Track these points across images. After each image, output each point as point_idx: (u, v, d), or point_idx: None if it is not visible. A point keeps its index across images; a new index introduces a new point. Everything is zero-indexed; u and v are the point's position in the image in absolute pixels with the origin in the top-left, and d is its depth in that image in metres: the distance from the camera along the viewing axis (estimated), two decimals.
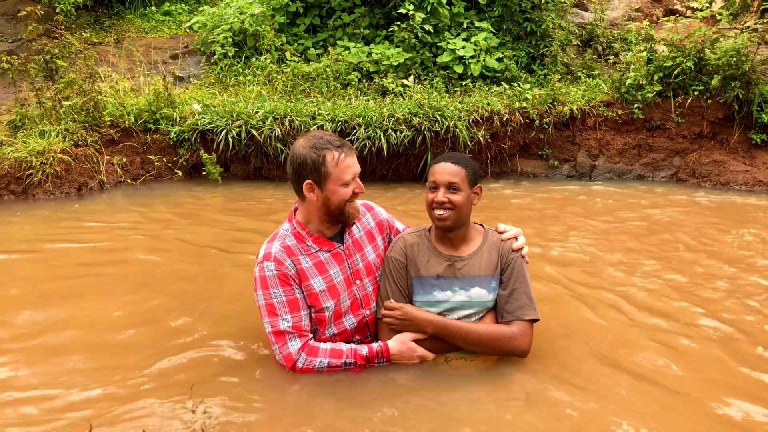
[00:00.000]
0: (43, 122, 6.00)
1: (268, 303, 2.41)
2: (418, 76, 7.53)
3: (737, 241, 4.59)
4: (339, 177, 2.37)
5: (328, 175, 2.36)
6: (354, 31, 7.98)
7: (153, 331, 2.93)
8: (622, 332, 2.99)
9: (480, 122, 6.66)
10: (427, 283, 2.54)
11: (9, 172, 5.55)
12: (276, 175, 6.53)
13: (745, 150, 6.82)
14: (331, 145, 2.37)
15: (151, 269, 3.81)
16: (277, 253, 2.42)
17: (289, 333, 2.41)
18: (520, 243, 2.61)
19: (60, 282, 3.59)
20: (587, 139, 7.07)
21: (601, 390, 2.44)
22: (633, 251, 4.29)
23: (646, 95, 6.83)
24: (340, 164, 2.37)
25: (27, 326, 2.98)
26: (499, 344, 2.47)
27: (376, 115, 6.41)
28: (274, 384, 2.44)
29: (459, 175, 2.47)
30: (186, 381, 2.44)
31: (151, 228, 4.70)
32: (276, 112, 6.36)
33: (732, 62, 6.53)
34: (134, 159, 6.27)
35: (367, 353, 2.46)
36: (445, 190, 2.46)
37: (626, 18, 8.86)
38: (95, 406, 2.28)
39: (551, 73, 7.62)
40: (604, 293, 3.48)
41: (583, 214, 5.35)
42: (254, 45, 7.77)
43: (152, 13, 9.23)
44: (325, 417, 2.25)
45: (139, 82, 7.10)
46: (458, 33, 7.90)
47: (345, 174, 2.38)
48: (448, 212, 2.46)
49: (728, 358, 2.73)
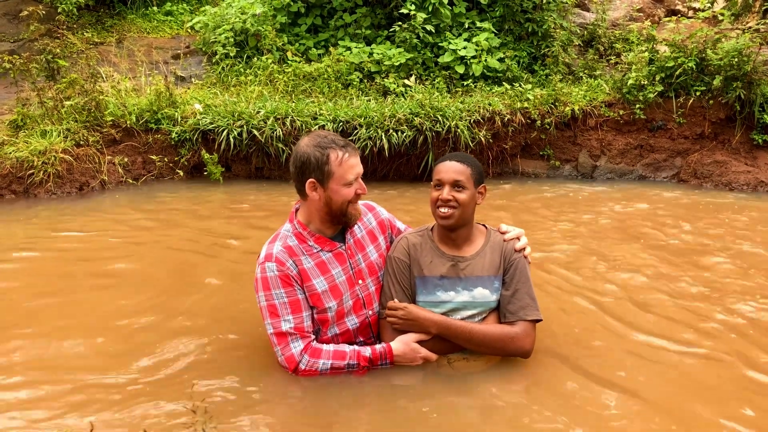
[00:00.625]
0: (45, 122, 6.00)
1: (269, 304, 2.40)
2: (420, 76, 7.53)
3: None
4: (342, 176, 2.37)
5: (331, 174, 2.36)
6: (355, 32, 7.98)
7: (153, 331, 2.93)
8: (622, 333, 2.98)
9: (481, 122, 6.65)
10: (431, 284, 2.54)
11: (11, 172, 5.55)
12: (277, 175, 6.53)
13: (746, 150, 6.81)
14: (335, 144, 2.37)
15: (151, 269, 3.80)
16: (278, 254, 2.41)
17: (291, 334, 2.40)
18: (523, 243, 2.61)
19: (60, 282, 3.59)
20: (589, 139, 7.06)
21: (604, 389, 2.44)
22: (631, 251, 4.29)
23: (648, 95, 6.82)
24: (344, 163, 2.36)
25: (27, 326, 2.98)
26: (503, 344, 2.47)
27: (377, 116, 6.40)
28: (276, 385, 2.44)
29: (464, 174, 2.47)
30: (187, 381, 2.44)
31: (151, 228, 4.70)
32: (277, 112, 6.36)
33: (734, 63, 6.53)
34: (136, 159, 6.27)
35: (371, 355, 2.45)
36: (450, 188, 2.46)
37: (628, 18, 8.85)
38: (95, 407, 2.28)
39: (553, 73, 7.61)
40: (603, 293, 3.48)
41: (582, 214, 5.34)
42: (256, 45, 7.77)
43: (154, 13, 9.23)
44: (326, 417, 2.25)
45: (140, 82, 7.11)
46: (460, 33, 7.90)
47: (348, 174, 2.37)
48: (452, 210, 2.46)
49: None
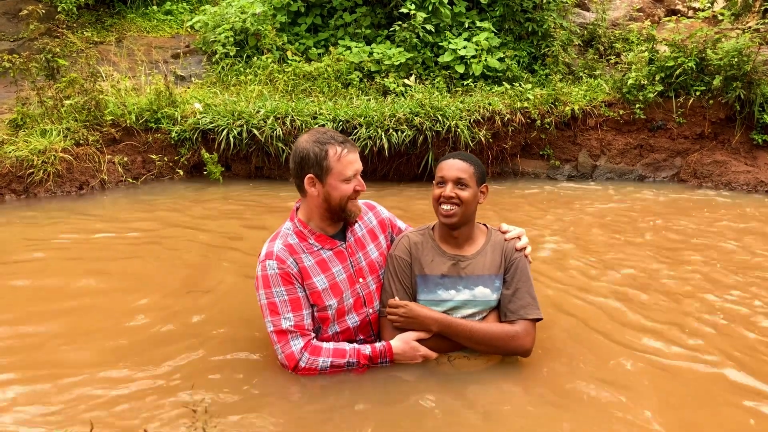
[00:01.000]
0: (45, 121, 5.99)
1: (270, 302, 2.41)
2: (420, 75, 7.52)
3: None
4: (341, 172, 2.38)
5: (329, 169, 2.37)
6: (355, 31, 7.98)
7: (152, 330, 2.92)
8: (622, 334, 2.98)
9: (481, 122, 6.65)
10: (432, 282, 2.54)
11: (10, 171, 5.55)
12: (277, 174, 6.53)
13: (746, 150, 6.81)
14: (334, 140, 2.38)
15: (150, 269, 3.80)
16: (279, 252, 2.41)
17: (291, 332, 2.40)
18: (524, 243, 2.61)
19: (58, 282, 3.58)
20: (588, 139, 7.06)
21: (606, 388, 2.44)
22: (631, 252, 4.29)
23: (648, 95, 6.83)
24: (342, 159, 2.37)
25: (27, 327, 2.97)
26: (504, 343, 2.47)
27: (377, 115, 6.40)
28: (276, 384, 2.43)
29: (467, 172, 2.48)
30: (187, 381, 2.44)
31: (151, 227, 4.69)
32: (277, 112, 6.36)
33: (734, 63, 6.53)
34: (135, 158, 6.26)
35: (371, 353, 2.45)
36: (453, 185, 2.48)
37: (628, 18, 8.85)
38: (95, 406, 2.28)
39: (553, 73, 7.61)
40: (604, 294, 3.48)
41: (582, 213, 5.35)
42: (255, 44, 7.77)
43: (154, 13, 9.24)
44: (326, 416, 2.25)
45: (140, 82, 7.10)
46: (460, 33, 7.90)
47: (347, 169, 2.38)
48: (455, 208, 2.47)
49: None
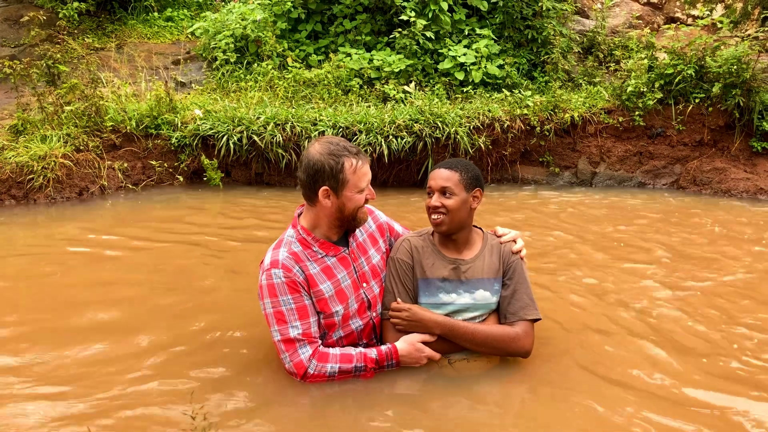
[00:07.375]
0: (45, 127, 6.00)
1: (276, 311, 2.38)
2: (420, 82, 7.55)
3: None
4: (356, 184, 2.39)
5: (346, 181, 2.37)
6: (355, 38, 8.01)
7: (153, 336, 2.91)
8: (622, 335, 2.98)
9: (481, 129, 6.67)
10: (433, 286, 2.55)
11: (10, 177, 5.55)
12: (277, 180, 6.54)
13: (746, 158, 6.83)
14: (348, 152, 2.37)
15: (150, 275, 3.79)
16: (284, 260, 2.40)
17: (299, 340, 2.38)
18: (519, 245, 2.66)
19: (58, 287, 3.58)
20: (588, 146, 7.07)
21: (604, 389, 2.44)
22: (631, 255, 4.29)
23: (647, 102, 6.85)
24: (358, 171, 2.38)
25: (24, 330, 2.97)
26: (505, 344, 2.50)
27: (377, 122, 6.42)
28: (276, 390, 2.42)
29: (451, 180, 2.50)
30: (186, 387, 2.43)
31: (150, 233, 4.69)
32: (277, 118, 6.37)
33: (733, 70, 6.55)
34: (135, 164, 6.27)
35: (377, 356, 2.45)
36: (439, 195, 2.51)
37: (627, 26, 8.89)
38: (93, 412, 2.26)
39: (552, 80, 7.64)
40: (602, 293, 3.48)
41: (581, 221, 5.35)
42: (256, 51, 7.79)
43: (154, 19, 9.27)
44: (326, 422, 2.24)
45: (140, 88, 7.12)
46: (459, 40, 7.93)
47: (361, 181, 2.40)
48: (441, 216, 2.51)
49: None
